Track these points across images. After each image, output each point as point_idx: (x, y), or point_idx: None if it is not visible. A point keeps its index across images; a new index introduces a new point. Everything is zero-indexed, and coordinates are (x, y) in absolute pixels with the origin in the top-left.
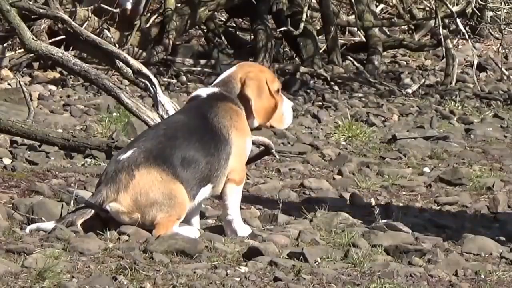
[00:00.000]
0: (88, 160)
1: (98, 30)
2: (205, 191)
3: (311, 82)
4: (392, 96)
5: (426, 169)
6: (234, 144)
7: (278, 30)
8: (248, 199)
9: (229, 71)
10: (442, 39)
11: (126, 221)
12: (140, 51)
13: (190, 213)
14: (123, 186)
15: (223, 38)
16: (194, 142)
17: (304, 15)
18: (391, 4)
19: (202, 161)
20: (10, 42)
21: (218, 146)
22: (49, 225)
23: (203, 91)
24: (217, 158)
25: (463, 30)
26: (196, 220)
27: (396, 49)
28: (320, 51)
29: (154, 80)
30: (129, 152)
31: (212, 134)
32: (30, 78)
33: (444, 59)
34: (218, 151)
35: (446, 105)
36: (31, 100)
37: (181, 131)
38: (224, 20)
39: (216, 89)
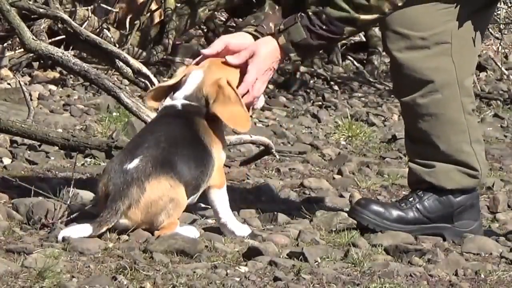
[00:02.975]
0: (88, 160)
1: (98, 30)
2: (193, 199)
3: (311, 82)
4: (392, 96)
5: None
6: (216, 158)
7: None
8: (247, 199)
9: (195, 80)
10: None
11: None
12: (140, 51)
13: None
14: (134, 201)
15: None
16: (192, 151)
17: None
18: None
19: (198, 170)
20: (10, 42)
21: (207, 159)
22: (86, 229)
23: (178, 102)
24: (206, 170)
25: None
26: None
27: None
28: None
29: (154, 80)
30: (136, 161)
31: (203, 147)
32: (30, 78)
33: None
34: (208, 163)
35: None
36: (31, 100)
37: (180, 138)
38: (224, 20)
39: (188, 102)
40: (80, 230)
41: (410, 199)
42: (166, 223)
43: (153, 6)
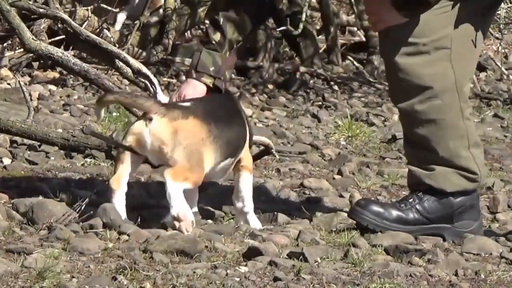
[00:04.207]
0: (88, 160)
1: (98, 30)
2: (226, 165)
3: (311, 82)
4: None
5: None
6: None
7: (278, 30)
8: None
9: None
10: None
11: (148, 149)
12: (140, 51)
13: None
14: (173, 117)
15: None
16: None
17: (304, 15)
18: None
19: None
20: (9, 42)
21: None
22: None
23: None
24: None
25: None
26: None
27: None
28: (320, 51)
29: (154, 80)
30: (188, 103)
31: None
32: (30, 78)
33: None
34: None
35: None
36: (31, 100)
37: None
38: None
39: None
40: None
41: (410, 200)
42: (178, 168)
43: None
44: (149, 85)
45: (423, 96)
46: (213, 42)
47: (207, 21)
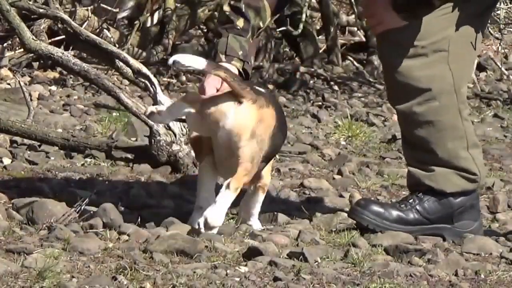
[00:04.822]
0: (88, 160)
1: (98, 30)
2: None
3: (311, 82)
4: None
5: None
6: None
7: (277, 30)
8: None
9: None
10: None
11: (226, 131)
12: (140, 51)
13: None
14: (260, 104)
15: None
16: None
17: (304, 15)
18: None
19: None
20: (10, 42)
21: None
22: (200, 62)
23: None
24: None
25: None
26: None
27: None
28: (320, 51)
29: (154, 80)
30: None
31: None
32: (30, 78)
33: None
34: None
35: None
36: (31, 100)
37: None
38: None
39: None
40: (193, 60)
41: (410, 201)
42: (247, 165)
43: None
44: (149, 85)
45: (421, 98)
46: (237, 27)
47: (227, 9)
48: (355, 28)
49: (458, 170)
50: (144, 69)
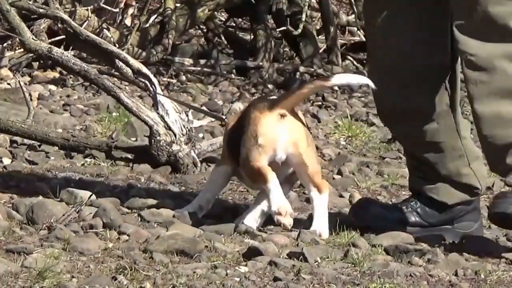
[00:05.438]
0: (88, 160)
1: (98, 30)
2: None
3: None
4: None
5: None
6: None
7: (278, 30)
8: (247, 199)
9: None
10: None
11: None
12: (140, 51)
13: None
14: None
15: (222, 38)
16: None
17: (304, 15)
18: None
19: None
20: (9, 42)
21: None
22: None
23: None
24: None
25: None
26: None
27: None
28: (320, 51)
29: (154, 80)
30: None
31: None
32: (30, 78)
33: None
34: None
35: None
36: (31, 100)
37: None
38: (223, 20)
39: None
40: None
41: (412, 203)
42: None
43: None
44: (149, 85)
45: (418, 120)
46: None
47: None
48: (355, 28)
49: (460, 185)
50: (144, 69)
